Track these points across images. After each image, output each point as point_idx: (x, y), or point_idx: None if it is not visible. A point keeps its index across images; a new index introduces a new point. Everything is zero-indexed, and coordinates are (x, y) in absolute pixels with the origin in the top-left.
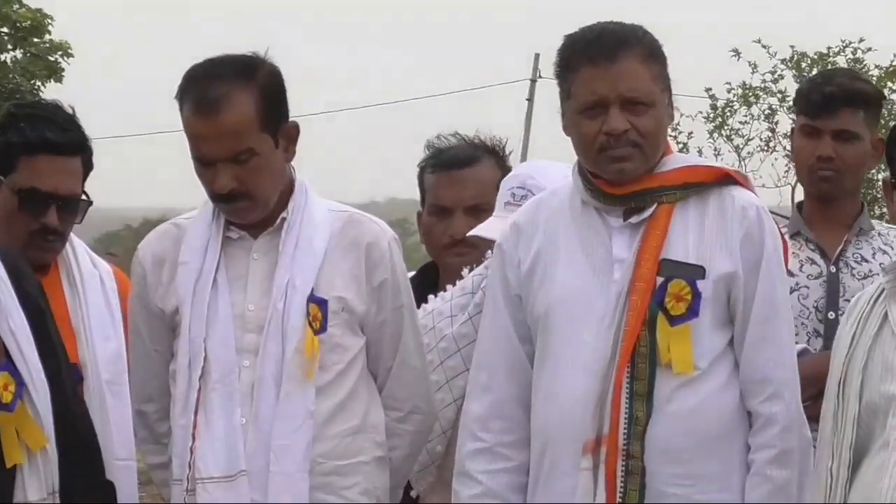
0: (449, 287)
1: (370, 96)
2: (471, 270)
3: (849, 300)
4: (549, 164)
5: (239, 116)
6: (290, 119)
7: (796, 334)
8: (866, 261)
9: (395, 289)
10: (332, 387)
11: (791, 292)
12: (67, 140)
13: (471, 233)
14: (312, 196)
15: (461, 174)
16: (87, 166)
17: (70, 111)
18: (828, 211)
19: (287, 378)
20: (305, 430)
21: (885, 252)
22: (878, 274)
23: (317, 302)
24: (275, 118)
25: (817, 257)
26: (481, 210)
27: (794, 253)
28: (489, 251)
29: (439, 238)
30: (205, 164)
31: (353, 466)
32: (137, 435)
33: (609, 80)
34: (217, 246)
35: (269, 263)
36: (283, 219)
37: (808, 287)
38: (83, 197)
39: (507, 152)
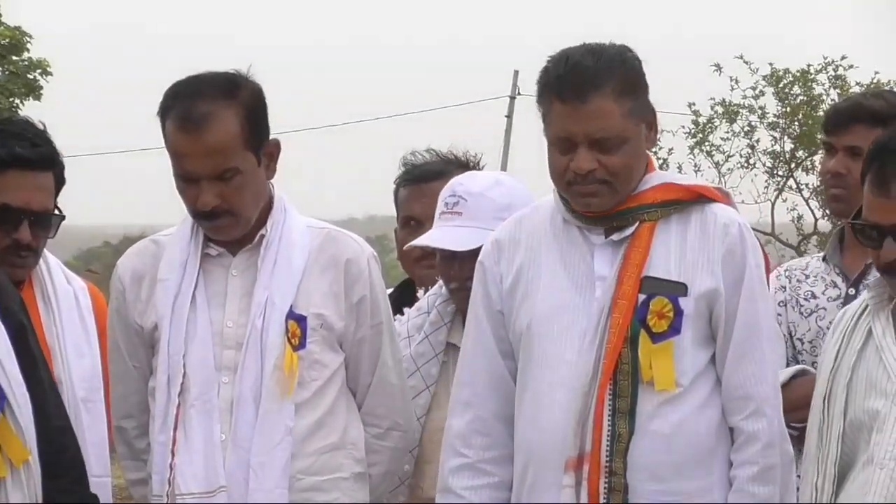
0: (406, 309)
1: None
2: (426, 292)
3: None
4: (478, 172)
5: (224, 134)
6: (272, 136)
7: (815, 356)
8: None
9: (373, 306)
10: (311, 403)
11: (810, 314)
12: (38, 155)
13: (409, 244)
14: (291, 213)
15: (430, 187)
16: (59, 181)
17: (41, 126)
18: None
19: (266, 395)
20: (284, 447)
21: None
22: None
23: (296, 318)
24: (258, 136)
25: (839, 281)
26: None
27: (821, 277)
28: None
29: (411, 251)
30: (188, 181)
31: (333, 482)
32: (117, 451)
33: (578, 120)
34: (196, 263)
35: (248, 280)
36: (262, 236)
37: (825, 309)
38: (56, 211)
39: (480, 166)
